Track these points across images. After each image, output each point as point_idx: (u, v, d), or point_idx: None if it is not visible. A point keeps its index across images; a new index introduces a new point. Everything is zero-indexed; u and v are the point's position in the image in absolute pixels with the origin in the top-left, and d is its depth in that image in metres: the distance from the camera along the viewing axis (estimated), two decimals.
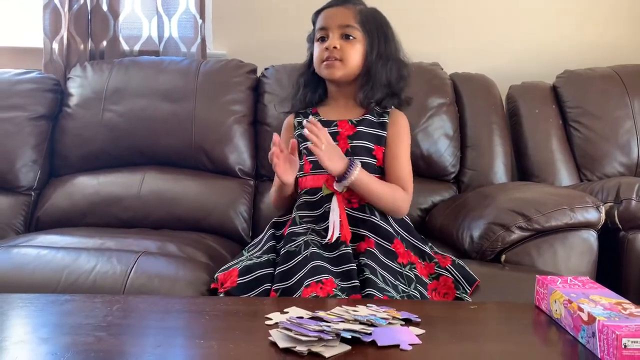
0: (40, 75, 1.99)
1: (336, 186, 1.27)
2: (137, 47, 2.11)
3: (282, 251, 1.24)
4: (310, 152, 1.34)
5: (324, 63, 1.33)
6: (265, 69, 2.02)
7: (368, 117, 1.35)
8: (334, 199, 1.27)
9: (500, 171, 1.89)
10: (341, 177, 1.23)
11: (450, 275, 1.25)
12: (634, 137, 1.93)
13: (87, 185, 1.84)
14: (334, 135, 1.34)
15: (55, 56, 2.05)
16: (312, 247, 1.21)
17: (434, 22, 2.16)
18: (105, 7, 2.05)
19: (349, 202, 1.29)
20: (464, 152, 1.91)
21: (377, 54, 1.33)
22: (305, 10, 1.48)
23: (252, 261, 1.26)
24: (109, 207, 1.79)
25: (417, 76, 1.94)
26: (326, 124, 1.36)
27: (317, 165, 1.31)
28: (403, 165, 1.35)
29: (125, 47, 2.10)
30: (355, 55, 1.32)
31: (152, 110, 1.88)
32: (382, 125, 1.35)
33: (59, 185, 1.87)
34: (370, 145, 1.33)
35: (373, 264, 1.17)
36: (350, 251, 1.20)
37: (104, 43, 2.07)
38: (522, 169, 1.98)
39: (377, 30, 1.34)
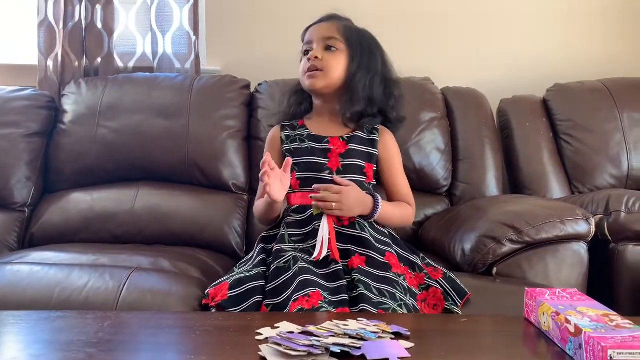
0: (34, 92, 2.00)
1: None
2: (131, 64, 2.13)
3: (272, 267, 1.24)
4: (300, 169, 1.34)
5: (307, 74, 1.35)
6: (259, 84, 2.04)
7: (358, 133, 1.37)
8: (324, 217, 1.26)
9: (492, 184, 1.90)
10: (364, 217, 1.28)
11: (439, 287, 1.25)
12: (623, 149, 1.95)
13: (81, 201, 1.85)
14: (326, 152, 1.34)
15: (50, 73, 2.06)
16: (301, 262, 1.21)
17: (425, 37, 2.18)
18: (99, 25, 2.07)
19: (339, 219, 1.28)
20: (456, 166, 1.93)
21: (358, 65, 1.34)
22: (299, 26, 1.50)
23: (242, 275, 1.26)
24: (103, 222, 1.80)
25: (409, 91, 1.95)
26: (317, 139, 1.37)
27: (305, 183, 1.32)
28: (403, 183, 1.41)
29: (119, 63, 2.12)
30: (337, 65, 1.33)
31: (146, 126, 1.90)
32: (372, 143, 1.36)
33: (53, 202, 1.88)
34: (362, 163, 1.34)
35: (367, 280, 1.16)
36: (341, 268, 1.20)
37: (99, 60, 2.08)
38: (514, 181, 1.99)
39: (361, 44, 1.36)
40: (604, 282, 1.52)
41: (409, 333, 0.92)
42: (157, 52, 2.10)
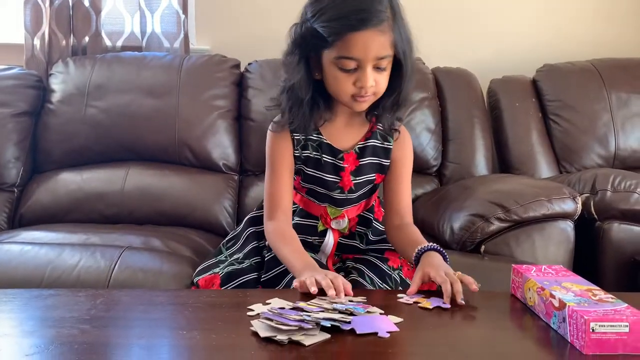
0: (22, 71, 1.99)
1: (334, 225, 1.21)
2: (119, 43, 2.11)
3: (268, 256, 1.19)
4: (308, 180, 1.21)
5: (356, 99, 1.10)
6: (249, 64, 2.03)
7: (371, 142, 1.20)
8: (329, 234, 1.21)
9: (481, 164, 1.92)
10: None
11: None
12: (611, 130, 1.97)
13: (71, 182, 1.84)
14: (338, 170, 1.19)
15: (37, 52, 2.04)
16: None
17: (416, 17, 2.14)
18: (87, 3, 2.05)
19: (341, 232, 1.23)
20: (446, 146, 1.94)
21: (409, 76, 1.13)
22: (289, 5, 1.48)
23: (234, 267, 1.21)
24: (92, 203, 1.80)
25: None
26: (332, 152, 1.18)
27: (311, 193, 1.22)
28: (407, 194, 1.23)
29: (107, 42, 2.10)
30: (385, 84, 1.11)
31: (135, 106, 1.89)
32: (386, 153, 1.20)
33: (43, 182, 1.87)
34: (372, 176, 1.21)
35: (361, 267, 1.16)
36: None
37: (86, 39, 2.06)
38: (503, 161, 2.01)
39: (407, 45, 1.11)
40: (590, 259, 1.55)
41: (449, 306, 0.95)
42: (146, 31, 2.08)
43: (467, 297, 0.98)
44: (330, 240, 1.21)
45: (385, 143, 1.20)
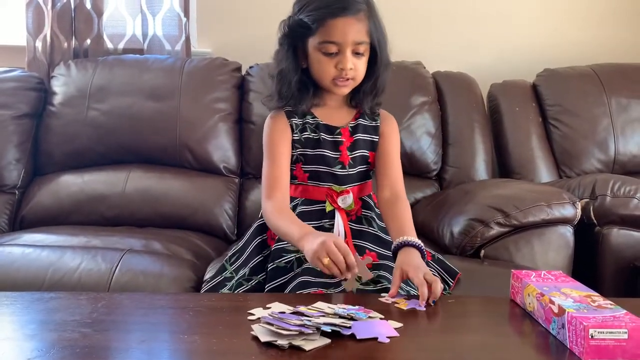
0: (23, 73, 1.99)
1: (340, 203, 1.24)
2: (121, 45, 2.12)
3: (271, 266, 1.19)
4: (309, 161, 1.26)
5: (337, 82, 1.22)
6: (250, 67, 2.03)
7: (361, 121, 1.30)
8: (337, 215, 1.23)
9: (481, 168, 1.93)
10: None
11: (435, 273, 1.25)
12: (611, 134, 1.97)
13: (72, 184, 1.85)
14: (337, 145, 1.26)
15: (39, 54, 2.05)
16: (306, 263, 1.13)
17: (417, 20, 2.18)
18: (89, 5, 2.05)
19: (348, 215, 1.25)
20: (446, 150, 1.95)
21: (384, 64, 1.25)
22: (290, 8, 1.48)
23: (243, 286, 1.20)
24: (94, 205, 1.80)
25: (400, 75, 1.98)
26: (328, 130, 1.27)
27: (314, 176, 1.26)
28: (397, 174, 1.30)
29: (109, 45, 2.10)
30: (364, 70, 1.24)
31: (136, 108, 1.89)
32: (375, 130, 1.30)
33: (44, 184, 1.87)
34: (366, 152, 1.28)
35: (386, 274, 1.16)
36: None
37: (88, 41, 2.07)
38: (503, 165, 2.02)
39: (381, 35, 1.24)
40: (589, 265, 1.55)
41: (424, 308, 0.96)
42: (147, 34, 2.09)
43: (468, 303, 0.99)
44: (339, 221, 1.23)
45: (373, 122, 1.31)
